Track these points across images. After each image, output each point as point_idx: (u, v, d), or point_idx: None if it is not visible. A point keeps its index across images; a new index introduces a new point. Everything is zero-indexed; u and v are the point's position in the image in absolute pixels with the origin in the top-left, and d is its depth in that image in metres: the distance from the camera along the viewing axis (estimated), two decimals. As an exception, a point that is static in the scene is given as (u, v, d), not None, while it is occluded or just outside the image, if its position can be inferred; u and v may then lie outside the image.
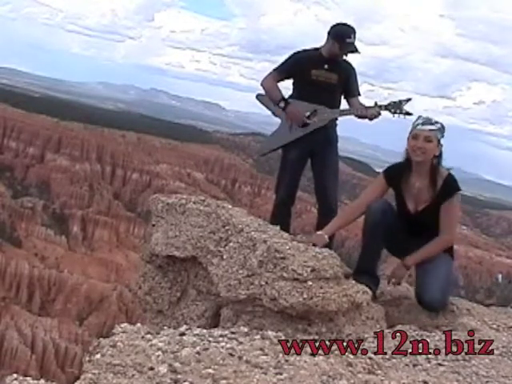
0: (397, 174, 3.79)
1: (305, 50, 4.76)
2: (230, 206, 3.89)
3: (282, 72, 4.70)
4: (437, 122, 3.68)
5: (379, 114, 4.48)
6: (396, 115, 4.40)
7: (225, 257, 3.48)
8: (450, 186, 3.69)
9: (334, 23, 4.68)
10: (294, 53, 4.74)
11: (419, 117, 3.76)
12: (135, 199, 76.14)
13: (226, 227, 3.58)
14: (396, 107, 4.39)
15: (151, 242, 3.98)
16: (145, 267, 4.15)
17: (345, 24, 4.63)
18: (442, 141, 3.71)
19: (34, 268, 58.01)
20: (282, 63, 4.73)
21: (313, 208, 43.66)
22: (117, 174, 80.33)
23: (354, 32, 4.56)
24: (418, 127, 3.68)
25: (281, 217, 4.58)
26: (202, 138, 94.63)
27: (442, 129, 3.69)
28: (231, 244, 3.49)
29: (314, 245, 3.50)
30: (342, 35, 4.53)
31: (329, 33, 4.61)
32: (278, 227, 3.73)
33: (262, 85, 4.75)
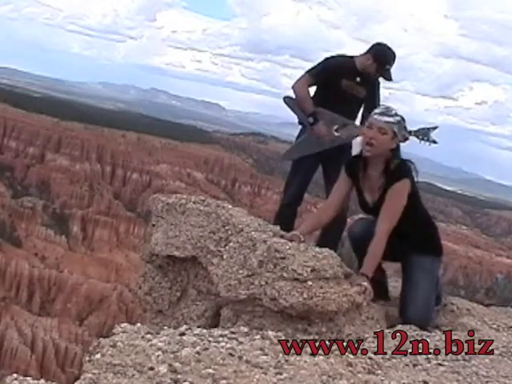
0: (356, 166, 3.65)
1: (338, 56, 4.73)
2: (230, 206, 3.89)
3: (315, 76, 4.63)
4: (396, 115, 3.51)
5: (407, 138, 4.47)
6: (422, 142, 4.40)
7: (225, 257, 3.48)
8: (399, 171, 3.50)
9: (379, 42, 4.64)
10: (328, 58, 4.68)
11: (380, 106, 3.61)
12: (135, 199, 76.09)
13: (226, 227, 3.58)
14: (424, 134, 4.39)
15: (151, 242, 3.98)
16: (145, 267, 4.16)
17: (389, 48, 4.58)
18: (401, 135, 3.53)
19: (34, 268, 57.99)
20: (316, 67, 4.66)
21: (313, 208, 43.66)
22: (117, 174, 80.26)
23: (395, 58, 4.54)
24: (374, 117, 3.51)
25: (284, 217, 4.58)
26: (202, 138, 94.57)
27: (401, 122, 3.52)
28: (231, 244, 3.49)
29: (292, 240, 3.42)
30: (384, 60, 4.51)
31: (370, 49, 4.56)
32: (278, 227, 3.73)
33: (293, 88, 4.66)
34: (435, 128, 4.43)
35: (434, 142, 4.37)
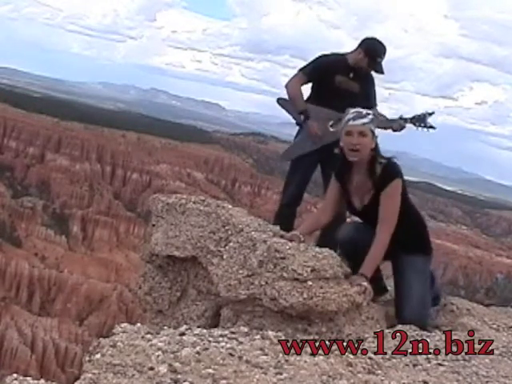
0: (343, 171, 3.64)
1: (330, 54, 4.77)
2: (230, 206, 3.89)
3: (308, 74, 4.69)
4: (368, 114, 3.55)
5: (403, 127, 4.45)
6: (420, 128, 4.39)
7: (225, 257, 3.48)
8: (388, 172, 3.51)
9: (368, 37, 4.67)
10: (320, 56, 4.73)
11: (348, 111, 3.58)
12: (135, 199, 76.05)
13: (226, 227, 3.58)
14: (420, 120, 4.38)
15: (151, 242, 3.98)
16: (145, 267, 4.16)
17: (379, 41, 4.63)
18: (377, 131, 3.56)
19: (34, 268, 57.97)
20: (308, 65, 4.72)
21: (313, 208, 43.64)
22: (117, 174, 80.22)
23: (385, 51, 4.58)
24: (350, 123, 3.50)
25: (284, 217, 4.58)
26: (202, 138, 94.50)
27: (374, 118, 3.55)
28: (231, 244, 3.49)
29: (292, 240, 3.43)
30: (374, 53, 4.55)
31: (360, 44, 4.61)
32: (278, 227, 3.73)
33: (286, 87, 4.72)
34: (431, 113, 4.41)
35: (432, 127, 4.35)
